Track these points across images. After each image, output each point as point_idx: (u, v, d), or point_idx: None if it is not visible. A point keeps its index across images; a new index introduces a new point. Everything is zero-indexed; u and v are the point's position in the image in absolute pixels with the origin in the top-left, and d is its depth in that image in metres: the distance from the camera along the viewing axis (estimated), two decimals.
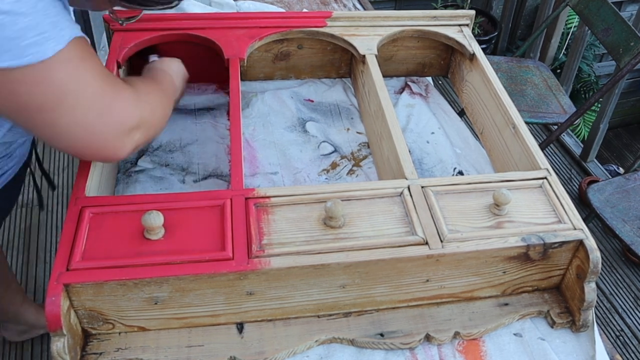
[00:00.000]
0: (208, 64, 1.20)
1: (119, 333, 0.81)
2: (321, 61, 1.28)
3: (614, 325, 2.05)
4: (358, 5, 1.64)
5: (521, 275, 0.88)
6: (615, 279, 2.20)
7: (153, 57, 1.09)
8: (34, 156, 1.14)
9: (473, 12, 1.27)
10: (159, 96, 0.89)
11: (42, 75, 0.65)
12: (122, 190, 1.02)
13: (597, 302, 1.75)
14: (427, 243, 0.81)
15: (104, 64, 1.08)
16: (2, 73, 0.63)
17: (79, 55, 0.69)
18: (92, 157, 0.79)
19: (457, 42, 1.21)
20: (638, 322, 2.06)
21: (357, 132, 1.20)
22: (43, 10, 0.63)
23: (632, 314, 2.09)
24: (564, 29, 2.86)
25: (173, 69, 1.02)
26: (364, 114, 1.20)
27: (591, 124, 2.71)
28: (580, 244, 0.85)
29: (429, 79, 1.38)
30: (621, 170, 2.85)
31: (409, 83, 1.34)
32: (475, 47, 1.20)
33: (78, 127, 0.70)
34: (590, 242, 0.84)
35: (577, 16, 2.55)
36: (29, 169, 1.13)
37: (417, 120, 1.24)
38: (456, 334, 0.86)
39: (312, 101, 1.26)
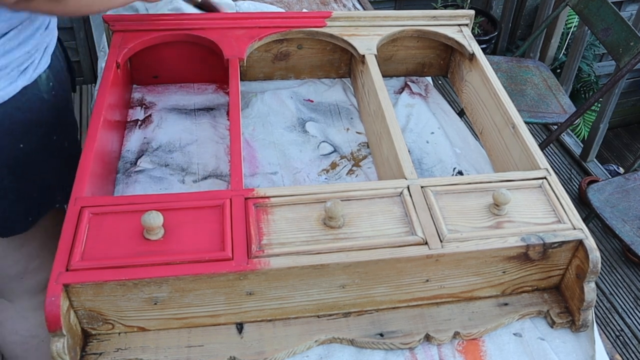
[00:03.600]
0: (208, 64, 1.20)
1: (119, 333, 0.81)
2: (321, 61, 1.28)
3: (614, 325, 2.05)
4: (358, 5, 1.64)
5: (521, 275, 0.88)
6: (615, 279, 2.20)
7: None
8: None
9: (473, 12, 1.27)
10: None
11: None
12: (121, 191, 1.02)
13: (597, 302, 1.75)
14: (426, 243, 0.81)
15: (104, 65, 1.08)
16: None
17: None
18: None
19: (456, 42, 1.21)
20: (638, 322, 2.06)
21: (357, 132, 1.20)
22: None
23: (632, 314, 2.09)
24: (564, 29, 2.86)
25: None
26: (364, 114, 1.20)
27: (591, 123, 2.71)
28: (579, 243, 0.85)
29: (429, 79, 1.38)
30: (621, 170, 2.86)
31: (409, 83, 1.34)
32: (475, 47, 1.20)
33: None
34: (590, 242, 0.84)
35: (577, 16, 2.55)
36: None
37: (417, 120, 1.24)
38: (456, 334, 0.86)
39: (312, 101, 1.26)
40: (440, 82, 2.89)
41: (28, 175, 1.00)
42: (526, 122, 1.33)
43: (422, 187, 0.89)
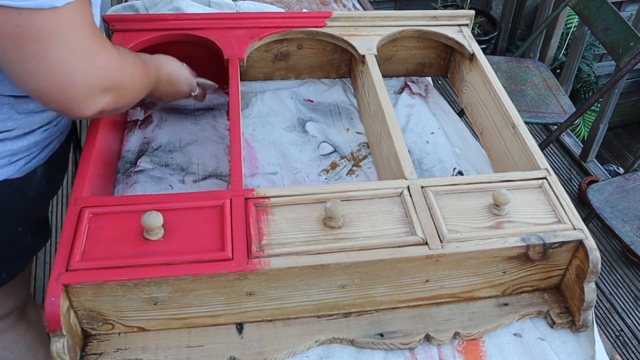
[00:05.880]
0: (208, 64, 1.20)
1: (119, 333, 0.81)
2: (321, 61, 1.28)
3: (614, 325, 2.05)
4: (358, 5, 1.64)
5: (521, 276, 0.88)
6: (615, 279, 2.20)
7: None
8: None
9: (472, 12, 1.27)
10: (141, 71, 0.88)
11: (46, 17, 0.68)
12: (121, 191, 1.02)
13: (596, 302, 1.75)
14: (426, 243, 0.81)
15: None
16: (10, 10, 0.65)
17: (81, 10, 0.72)
18: (59, 104, 0.74)
19: (456, 42, 1.21)
20: (638, 322, 2.06)
21: (357, 132, 1.20)
22: None
23: (632, 314, 2.09)
24: (563, 29, 2.86)
25: (171, 64, 1.03)
26: (364, 114, 1.20)
27: (591, 124, 2.71)
28: (579, 244, 0.85)
29: (429, 79, 1.38)
30: (621, 170, 2.86)
31: (409, 83, 1.34)
32: (474, 47, 1.20)
33: (61, 66, 0.70)
34: (590, 242, 0.84)
35: (577, 16, 2.55)
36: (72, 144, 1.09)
37: (417, 120, 1.24)
38: (456, 334, 0.86)
39: (312, 101, 1.26)
40: (440, 82, 2.89)
41: None
42: (526, 122, 1.33)
43: (422, 187, 0.89)
